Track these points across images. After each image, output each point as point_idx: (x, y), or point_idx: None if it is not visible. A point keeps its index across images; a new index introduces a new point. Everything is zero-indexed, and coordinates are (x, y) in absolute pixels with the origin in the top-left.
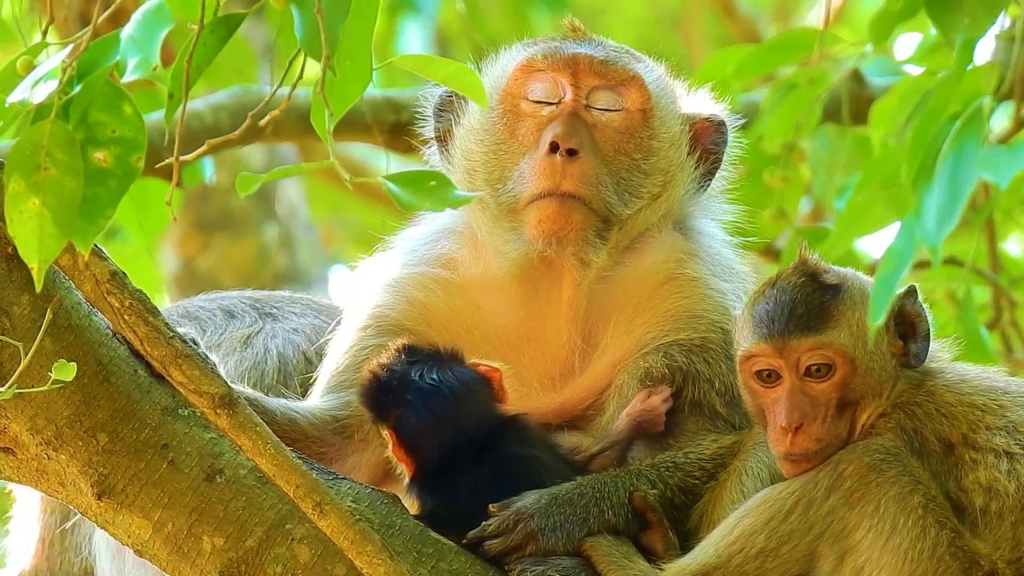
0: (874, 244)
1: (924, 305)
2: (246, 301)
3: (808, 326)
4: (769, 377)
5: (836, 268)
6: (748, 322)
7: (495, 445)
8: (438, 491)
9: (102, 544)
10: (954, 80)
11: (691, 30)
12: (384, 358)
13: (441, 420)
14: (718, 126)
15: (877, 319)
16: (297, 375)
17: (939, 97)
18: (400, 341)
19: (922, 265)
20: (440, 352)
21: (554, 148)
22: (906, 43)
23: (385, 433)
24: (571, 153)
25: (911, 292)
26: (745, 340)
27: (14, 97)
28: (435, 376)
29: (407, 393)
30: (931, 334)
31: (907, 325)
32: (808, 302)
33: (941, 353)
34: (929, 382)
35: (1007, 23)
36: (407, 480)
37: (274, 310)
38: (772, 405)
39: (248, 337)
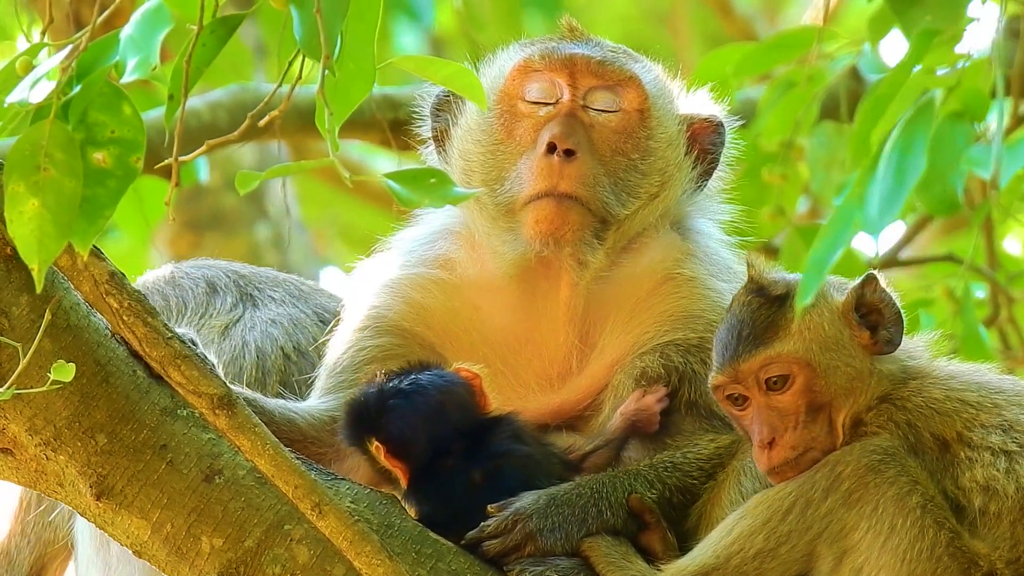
0: (872, 242)
1: (887, 290)
2: (231, 275)
3: (754, 344)
4: (739, 400)
5: (786, 276)
6: (714, 350)
7: (485, 443)
8: (433, 494)
9: (85, 532)
10: (905, 70)
11: (678, 26)
12: (358, 391)
13: (426, 415)
14: (716, 126)
15: (804, 302)
16: (276, 372)
17: (889, 86)
18: (372, 372)
19: (917, 262)
20: (415, 364)
21: (551, 148)
22: (897, 41)
23: (374, 446)
24: (568, 153)
25: (869, 280)
26: (711, 370)
27: (13, 97)
28: (412, 377)
29: (390, 400)
30: (902, 317)
31: (874, 314)
32: (753, 320)
33: (922, 352)
34: (913, 381)
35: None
36: (404, 488)
37: (256, 291)
38: (749, 425)
39: (226, 327)
